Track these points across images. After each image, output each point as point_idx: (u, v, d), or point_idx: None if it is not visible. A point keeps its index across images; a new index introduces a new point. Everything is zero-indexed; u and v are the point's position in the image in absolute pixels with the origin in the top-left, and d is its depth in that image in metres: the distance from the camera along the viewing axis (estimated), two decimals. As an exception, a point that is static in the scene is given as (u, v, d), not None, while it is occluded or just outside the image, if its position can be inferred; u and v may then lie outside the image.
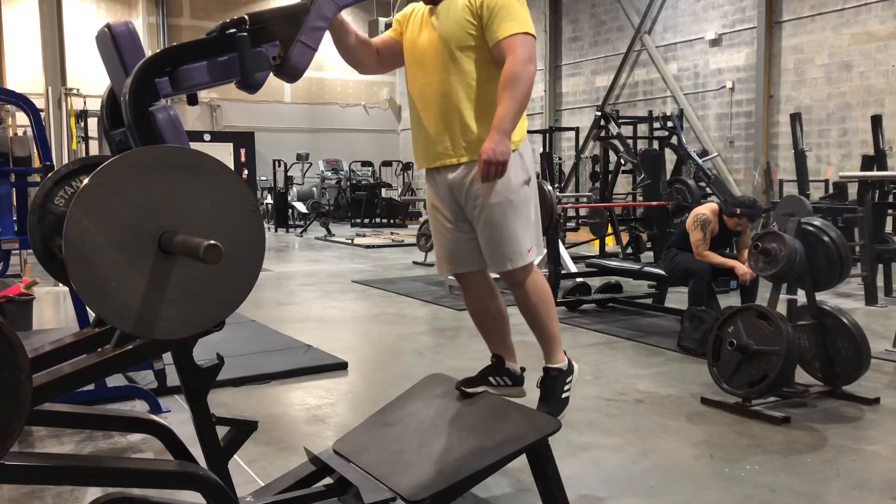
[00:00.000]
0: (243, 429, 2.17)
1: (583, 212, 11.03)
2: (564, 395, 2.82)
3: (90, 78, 11.30)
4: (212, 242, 1.60)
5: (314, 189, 18.29)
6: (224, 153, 18.91)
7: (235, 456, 2.20)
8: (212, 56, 2.09)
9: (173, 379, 3.70)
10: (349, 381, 4.44)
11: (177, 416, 3.59)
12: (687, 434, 3.46)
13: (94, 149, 12.30)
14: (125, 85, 1.94)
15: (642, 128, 11.06)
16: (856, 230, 7.64)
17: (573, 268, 7.05)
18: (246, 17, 2.14)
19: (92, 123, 12.21)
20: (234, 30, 2.10)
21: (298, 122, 21.37)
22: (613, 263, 6.95)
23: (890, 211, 7.69)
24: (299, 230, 15.93)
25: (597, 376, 4.42)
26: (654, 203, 8.57)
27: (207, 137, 19.42)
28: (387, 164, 20.05)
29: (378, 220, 17.96)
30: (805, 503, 2.75)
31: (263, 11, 2.20)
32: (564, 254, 7.09)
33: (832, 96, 11.71)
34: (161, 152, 1.81)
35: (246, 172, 19.59)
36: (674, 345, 5.07)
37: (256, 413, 3.73)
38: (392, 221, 17.75)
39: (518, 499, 2.78)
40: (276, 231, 16.26)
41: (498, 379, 2.85)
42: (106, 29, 2.07)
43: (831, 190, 9.64)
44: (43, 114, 8.13)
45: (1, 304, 5.19)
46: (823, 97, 11.81)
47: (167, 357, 2.32)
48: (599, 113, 10.23)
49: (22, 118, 9.88)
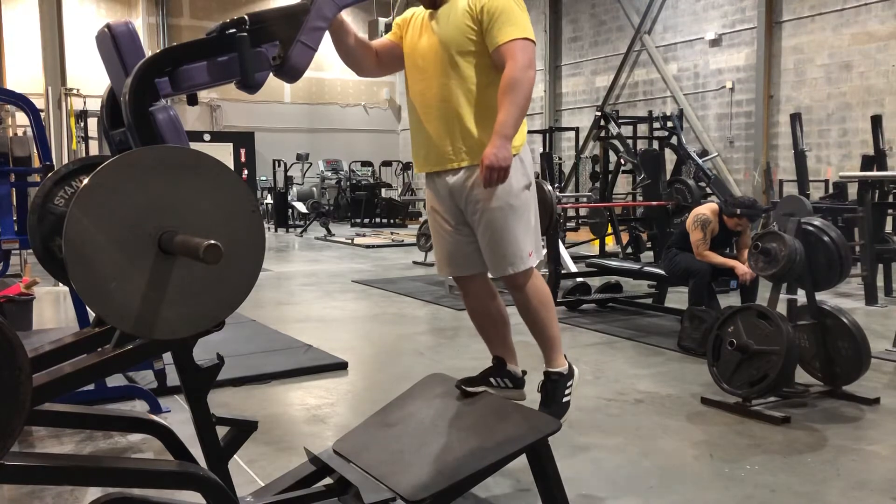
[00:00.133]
0: (243, 429, 2.17)
1: (583, 212, 11.04)
2: (565, 399, 2.82)
3: (90, 78, 11.31)
4: (212, 242, 1.61)
5: (314, 189, 18.29)
6: (224, 153, 18.88)
7: (235, 456, 2.20)
8: (212, 56, 2.09)
9: (173, 379, 3.71)
10: (349, 381, 4.44)
11: (177, 416, 3.59)
12: (687, 434, 3.46)
13: (94, 149, 12.30)
14: (125, 85, 1.94)
15: (642, 128, 11.07)
16: (856, 230, 7.64)
17: (573, 268, 7.05)
18: (246, 18, 2.14)
19: (92, 123, 12.21)
20: (234, 30, 2.10)
21: (298, 123, 21.37)
22: (613, 263, 6.95)
23: (890, 211, 7.69)
24: (299, 230, 15.93)
25: (597, 376, 4.42)
26: (654, 203, 8.58)
27: (207, 137, 19.41)
28: (387, 164, 20.05)
29: (378, 220, 17.96)
30: (805, 503, 2.75)
31: (263, 11, 2.20)
32: (564, 254, 7.09)
33: (832, 96, 11.70)
34: (161, 152, 1.81)
35: (246, 172, 19.57)
36: (674, 345, 5.07)
37: (256, 413, 3.73)
38: (392, 221, 17.75)
39: (518, 499, 2.78)
40: (276, 231, 16.26)
41: (499, 381, 2.85)
42: (106, 29, 2.07)
43: (831, 190, 9.65)
44: (43, 114, 8.15)
45: (1, 304, 5.19)
46: (823, 97, 11.80)
47: (167, 357, 2.32)
48: (599, 113, 10.24)
49: (22, 118, 9.87)
